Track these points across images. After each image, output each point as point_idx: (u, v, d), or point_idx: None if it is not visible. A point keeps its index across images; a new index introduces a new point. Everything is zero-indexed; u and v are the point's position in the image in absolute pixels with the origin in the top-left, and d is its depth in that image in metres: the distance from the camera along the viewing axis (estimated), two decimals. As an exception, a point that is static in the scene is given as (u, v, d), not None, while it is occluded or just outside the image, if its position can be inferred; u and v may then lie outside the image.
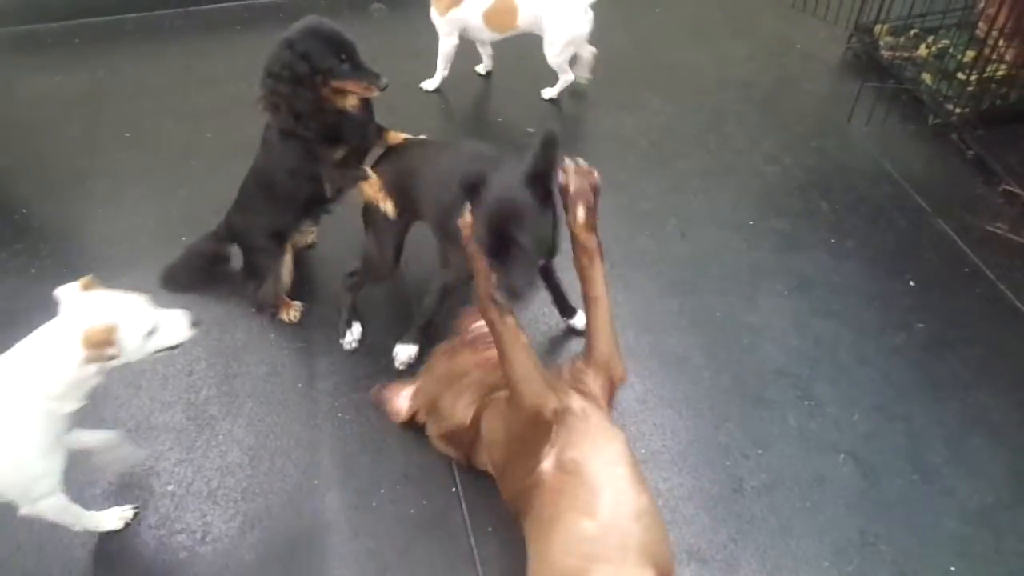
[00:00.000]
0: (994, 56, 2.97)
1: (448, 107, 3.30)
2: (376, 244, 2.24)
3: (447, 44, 3.22)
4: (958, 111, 3.04)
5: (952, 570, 1.85)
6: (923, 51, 3.37)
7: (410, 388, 2.03)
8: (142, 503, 1.97)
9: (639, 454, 1.94)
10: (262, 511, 1.96)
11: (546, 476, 1.55)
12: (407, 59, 3.40)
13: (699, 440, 2.10)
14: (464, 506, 1.97)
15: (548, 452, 1.56)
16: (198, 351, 2.34)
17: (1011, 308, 2.45)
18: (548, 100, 3.29)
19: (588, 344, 1.78)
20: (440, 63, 3.31)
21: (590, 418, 1.61)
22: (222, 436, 2.12)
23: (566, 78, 3.21)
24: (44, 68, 3.56)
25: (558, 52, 3.10)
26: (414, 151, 2.21)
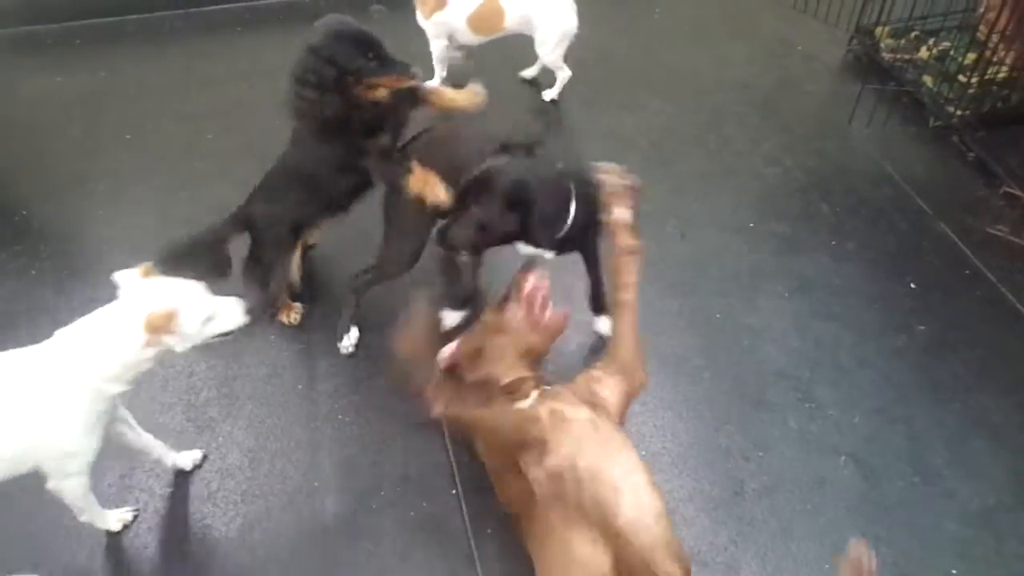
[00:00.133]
0: (995, 59, 2.97)
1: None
2: (397, 240, 2.21)
3: (437, 47, 3.22)
4: (959, 113, 3.04)
5: (953, 572, 1.85)
6: (924, 53, 3.38)
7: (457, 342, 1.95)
8: (142, 505, 1.97)
9: (639, 456, 1.93)
10: (262, 513, 1.95)
11: (547, 482, 1.54)
12: (407, 59, 3.39)
13: (699, 442, 2.10)
14: (464, 508, 1.97)
15: (541, 459, 1.56)
16: (197, 353, 2.33)
17: (1012, 310, 2.45)
18: (549, 101, 3.29)
19: (612, 347, 1.77)
20: (436, 66, 3.31)
21: (600, 429, 1.61)
22: (222, 438, 2.12)
23: (564, 75, 3.20)
24: (45, 69, 3.56)
25: (551, 49, 3.09)
26: (444, 134, 2.20)
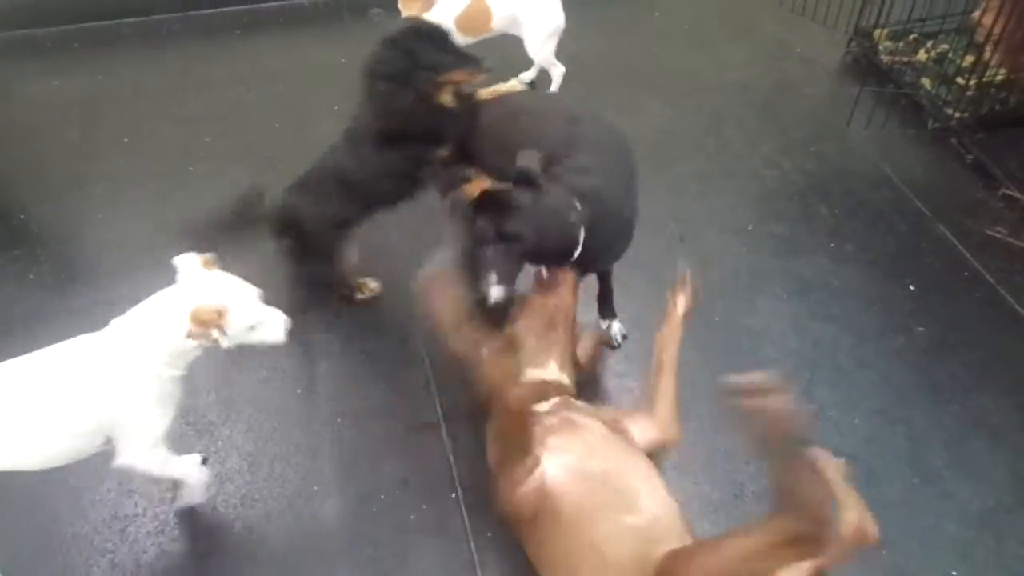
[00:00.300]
0: (992, 63, 2.97)
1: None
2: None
3: None
4: (957, 115, 3.05)
5: (953, 574, 1.85)
6: (922, 56, 3.38)
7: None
8: (141, 510, 1.97)
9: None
10: (261, 517, 1.95)
11: (559, 480, 1.53)
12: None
13: (699, 445, 2.09)
14: (464, 511, 1.96)
15: (548, 457, 1.55)
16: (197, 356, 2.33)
17: (1011, 312, 2.45)
18: None
19: (650, 402, 1.77)
20: None
21: (613, 440, 1.62)
22: (221, 442, 2.11)
23: (558, 72, 3.18)
24: (42, 72, 3.55)
25: (541, 47, 3.07)
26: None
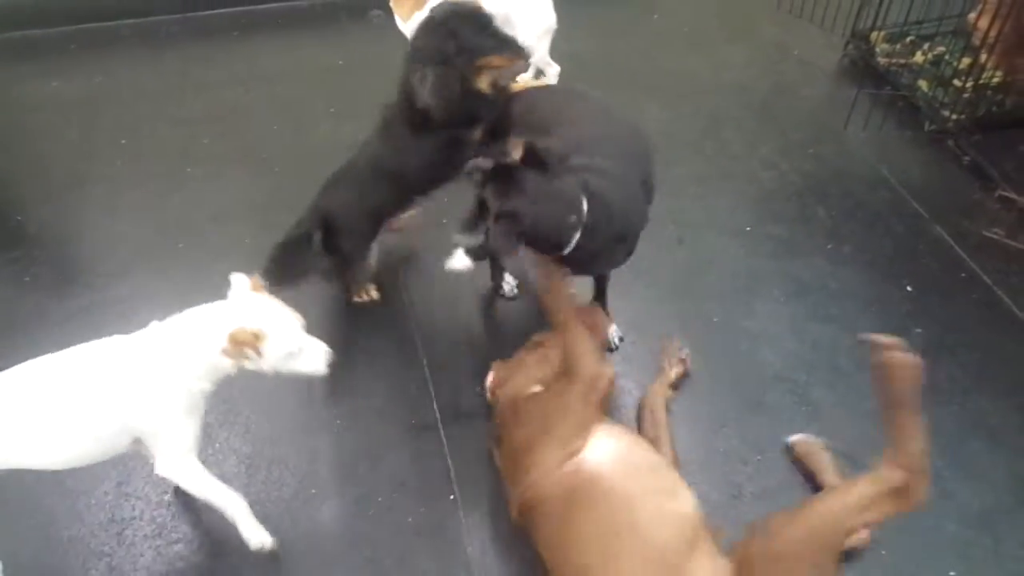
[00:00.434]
0: (989, 64, 2.98)
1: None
2: None
3: None
4: (954, 117, 3.05)
5: (952, 574, 1.85)
6: (919, 58, 3.39)
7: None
8: (138, 513, 1.96)
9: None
10: (259, 520, 1.93)
11: (601, 464, 1.60)
12: (404, 65, 3.40)
13: (697, 446, 2.09)
14: (463, 514, 1.96)
15: (596, 440, 1.63)
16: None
17: (1008, 313, 2.45)
18: None
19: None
20: None
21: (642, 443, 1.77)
22: (219, 445, 2.11)
23: (554, 71, 3.16)
24: (41, 74, 3.55)
25: (534, 47, 3.07)
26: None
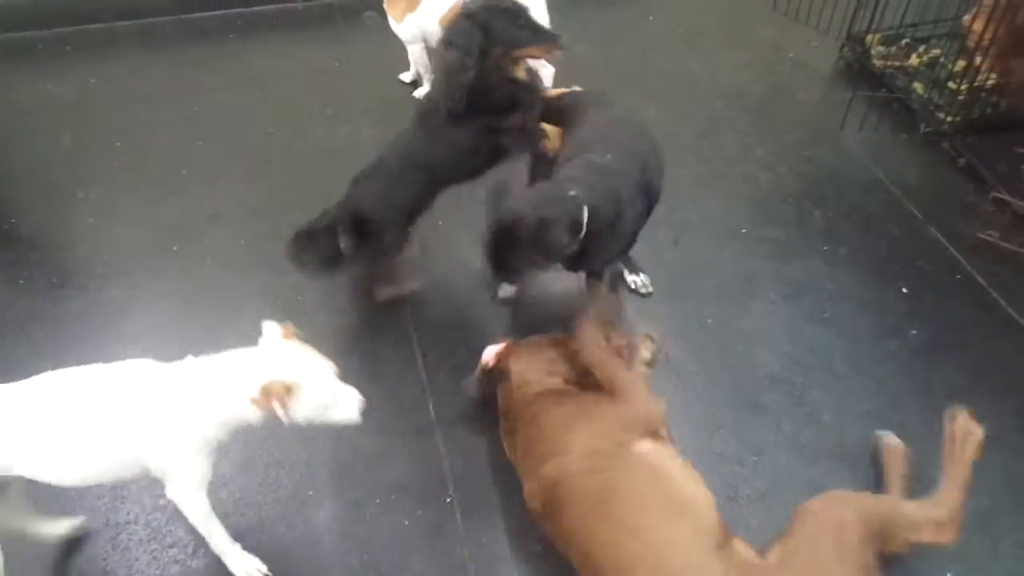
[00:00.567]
0: (983, 67, 2.99)
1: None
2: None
3: (415, 50, 3.22)
4: (949, 119, 3.06)
5: (948, 575, 1.85)
6: (914, 60, 3.40)
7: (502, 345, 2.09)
8: (132, 517, 1.95)
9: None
10: (255, 523, 1.94)
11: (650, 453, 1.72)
12: (401, 66, 3.40)
13: (693, 448, 2.09)
14: (459, 517, 1.96)
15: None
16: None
17: (1003, 315, 2.46)
18: None
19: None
20: (421, 70, 3.30)
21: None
22: (214, 447, 2.10)
23: (548, 72, 3.16)
24: (35, 76, 3.55)
25: None
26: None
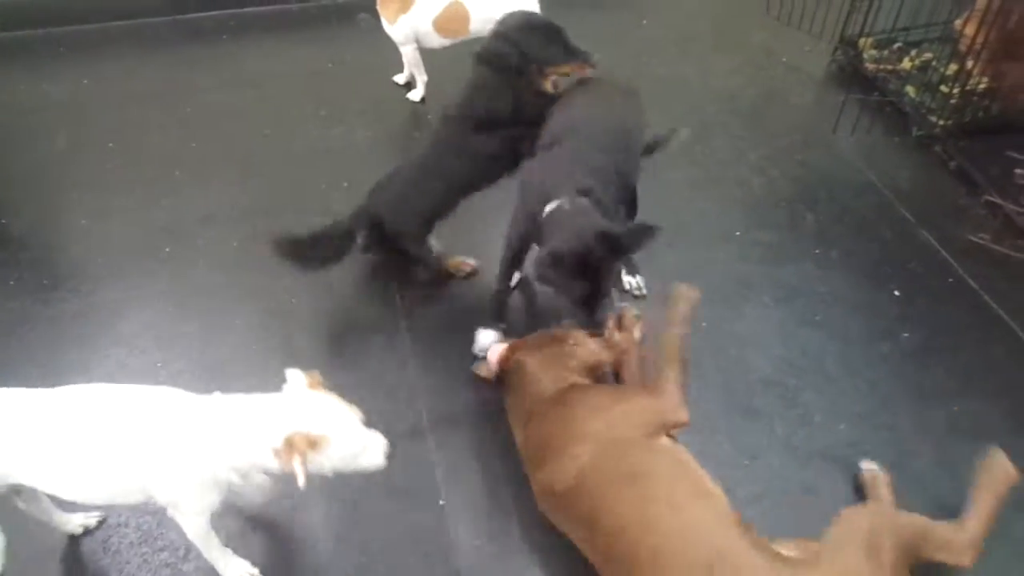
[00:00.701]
0: (975, 71, 3.00)
1: (436, 117, 3.26)
2: None
3: (408, 52, 3.22)
4: (941, 123, 3.08)
5: (940, 579, 1.86)
6: (907, 64, 3.42)
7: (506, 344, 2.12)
8: (123, 520, 1.94)
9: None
10: (246, 526, 1.93)
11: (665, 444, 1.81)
12: (394, 68, 3.40)
13: (688, 448, 2.08)
14: (452, 519, 1.95)
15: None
16: (181, 364, 2.31)
17: (995, 317, 2.47)
18: None
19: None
20: (415, 72, 3.30)
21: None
22: (206, 449, 2.09)
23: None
24: (27, 76, 3.53)
25: None
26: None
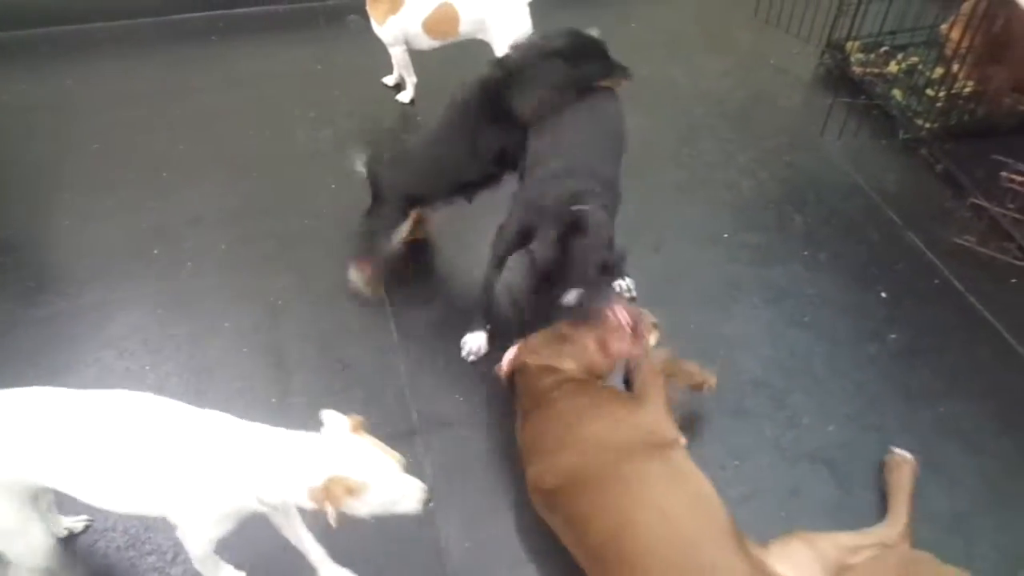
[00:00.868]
0: (961, 74, 3.03)
1: (425, 118, 3.28)
2: None
3: (397, 53, 3.22)
4: (927, 126, 3.10)
5: (927, 579, 1.87)
6: (893, 67, 3.45)
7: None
8: (111, 524, 1.92)
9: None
10: (235, 531, 1.91)
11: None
12: (383, 69, 3.39)
13: (677, 452, 2.10)
14: (440, 523, 1.95)
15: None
16: (169, 367, 2.29)
17: (981, 319, 2.49)
18: None
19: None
20: (404, 73, 3.30)
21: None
22: (193, 453, 2.07)
23: None
24: (10, 77, 3.49)
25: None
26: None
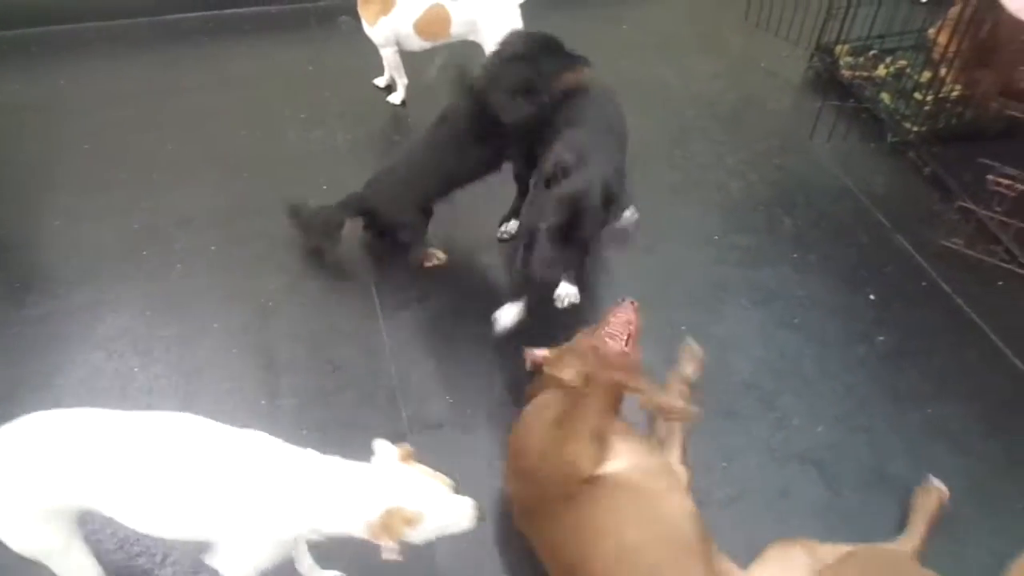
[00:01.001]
0: (948, 78, 3.05)
1: (416, 120, 3.28)
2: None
3: (388, 54, 3.22)
4: (915, 129, 3.12)
5: (914, 579, 1.88)
6: (882, 71, 3.47)
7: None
8: (100, 527, 1.91)
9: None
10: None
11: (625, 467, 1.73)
12: (375, 71, 3.39)
13: (666, 453, 2.10)
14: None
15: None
16: (158, 368, 2.28)
17: (968, 321, 2.51)
18: None
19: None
20: (395, 75, 3.30)
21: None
22: (182, 454, 2.06)
23: None
24: (1, 77, 3.47)
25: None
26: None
